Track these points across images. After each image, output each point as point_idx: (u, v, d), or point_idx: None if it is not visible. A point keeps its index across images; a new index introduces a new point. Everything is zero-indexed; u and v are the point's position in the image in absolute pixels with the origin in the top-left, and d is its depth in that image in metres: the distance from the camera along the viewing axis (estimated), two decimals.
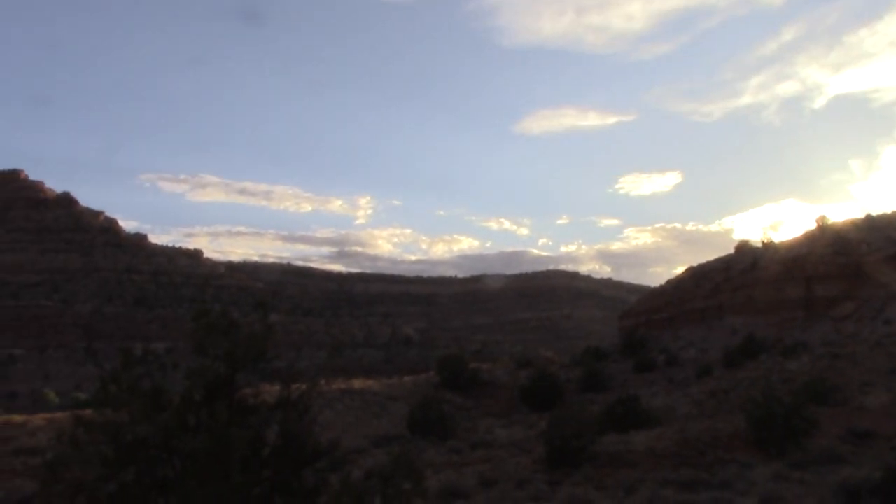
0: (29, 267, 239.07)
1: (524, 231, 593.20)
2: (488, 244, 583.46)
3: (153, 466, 7.81)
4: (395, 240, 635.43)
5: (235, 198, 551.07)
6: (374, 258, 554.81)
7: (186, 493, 6.95)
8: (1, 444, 45.23)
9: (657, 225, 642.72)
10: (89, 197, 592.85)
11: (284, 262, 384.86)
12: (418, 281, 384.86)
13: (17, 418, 62.48)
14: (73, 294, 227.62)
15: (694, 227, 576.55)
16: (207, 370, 8.25)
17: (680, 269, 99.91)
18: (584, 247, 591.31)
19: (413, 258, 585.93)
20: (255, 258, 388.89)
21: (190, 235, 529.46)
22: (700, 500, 19.06)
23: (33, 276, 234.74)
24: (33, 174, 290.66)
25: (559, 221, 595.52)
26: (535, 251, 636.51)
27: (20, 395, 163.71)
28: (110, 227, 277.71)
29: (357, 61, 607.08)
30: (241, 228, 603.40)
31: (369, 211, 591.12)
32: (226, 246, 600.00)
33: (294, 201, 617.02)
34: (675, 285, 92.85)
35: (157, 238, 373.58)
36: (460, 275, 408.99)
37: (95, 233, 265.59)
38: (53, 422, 55.77)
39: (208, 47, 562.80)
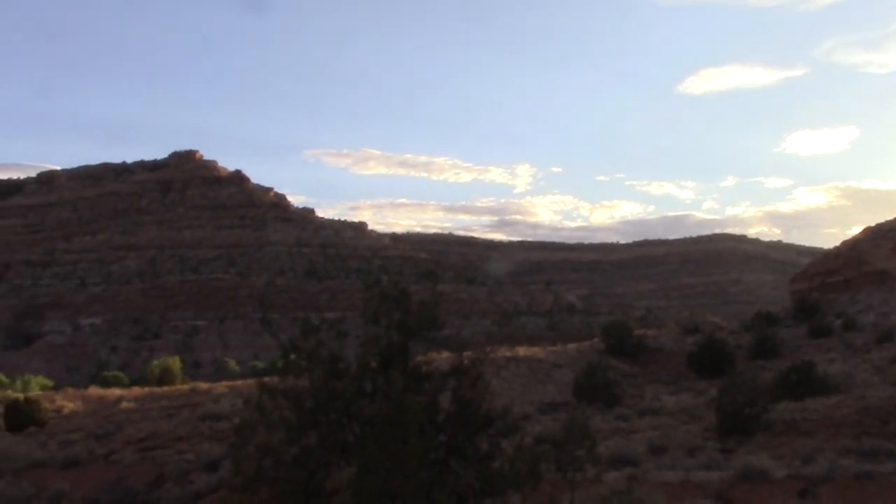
0: (207, 242, 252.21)
1: (687, 194, 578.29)
2: (650, 209, 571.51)
3: (334, 431, 8.12)
4: (556, 207, 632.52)
5: (397, 170, 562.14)
6: (535, 226, 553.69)
7: (367, 457, 7.20)
8: (189, 409, 48.27)
9: (830, 184, 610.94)
10: (259, 174, 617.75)
11: (446, 232, 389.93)
12: (580, 248, 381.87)
13: (203, 386, 66.51)
14: (247, 267, 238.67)
15: (871, 186, 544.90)
16: (381, 339, 8.48)
17: (856, 230, 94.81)
18: (751, 209, 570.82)
19: (573, 225, 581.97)
20: (418, 229, 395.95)
21: (354, 208, 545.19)
22: (884, 470, 18.15)
23: (211, 252, 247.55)
24: (207, 153, 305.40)
25: (724, 183, 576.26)
26: (699, 214, 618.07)
27: (203, 363, 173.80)
28: (280, 202, 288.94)
29: (514, 27, 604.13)
30: (403, 200, 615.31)
31: (528, 179, 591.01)
32: (389, 218, 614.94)
33: (454, 172, 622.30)
34: (852, 246, 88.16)
35: (324, 212, 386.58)
36: (622, 241, 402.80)
37: (266, 208, 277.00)
38: (235, 389, 58.97)
39: (360, 22, 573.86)
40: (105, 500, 30.24)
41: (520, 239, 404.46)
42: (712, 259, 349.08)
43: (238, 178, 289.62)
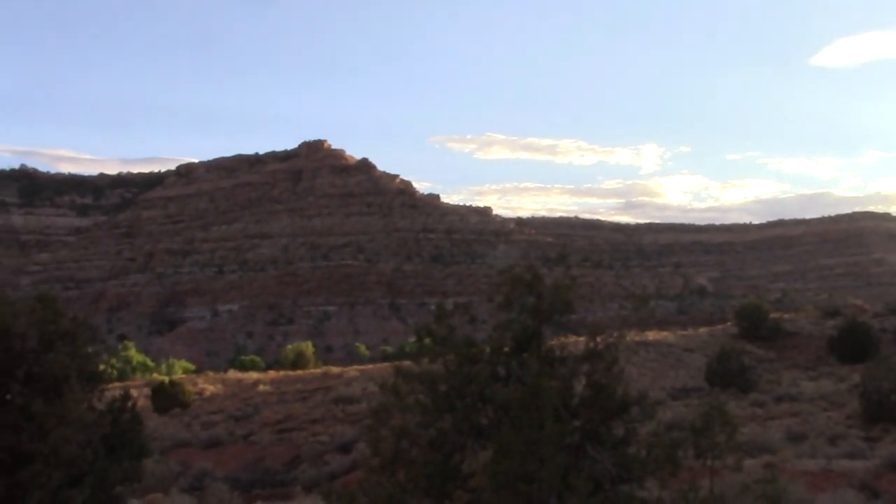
0: (336, 230, 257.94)
1: (825, 171, 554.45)
2: (785, 187, 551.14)
3: (468, 414, 8.18)
4: (684, 187, 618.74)
5: (521, 154, 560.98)
6: (663, 207, 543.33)
7: (502, 441, 7.22)
8: (322, 393, 49.63)
9: None
10: (385, 161, 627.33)
11: (572, 215, 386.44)
12: (710, 229, 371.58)
13: (335, 370, 68.27)
14: (375, 254, 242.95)
15: None
16: (514, 323, 8.48)
17: None
18: None
19: (703, 206, 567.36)
20: (543, 213, 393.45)
21: (479, 193, 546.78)
22: None
23: (340, 238, 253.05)
24: (335, 142, 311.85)
25: (865, 159, 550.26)
26: (837, 192, 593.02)
27: (335, 348, 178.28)
28: (406, 188, 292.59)
29: (637, 5, 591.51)
30: (528, 184, 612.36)
31: (655, 159, 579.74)
32: (514, 202, 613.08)
33: (578, 154, 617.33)
34: None
35: (449, 197, 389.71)
36: (755, 221, 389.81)
37: (393, 195, 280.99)
38: (365, 373, 60.26)
39: (482, 6, 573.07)
40: (245, 479, 31.43)
41: (647, 221, 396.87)
42: (853, 238, 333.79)
43: (365, 165, 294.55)
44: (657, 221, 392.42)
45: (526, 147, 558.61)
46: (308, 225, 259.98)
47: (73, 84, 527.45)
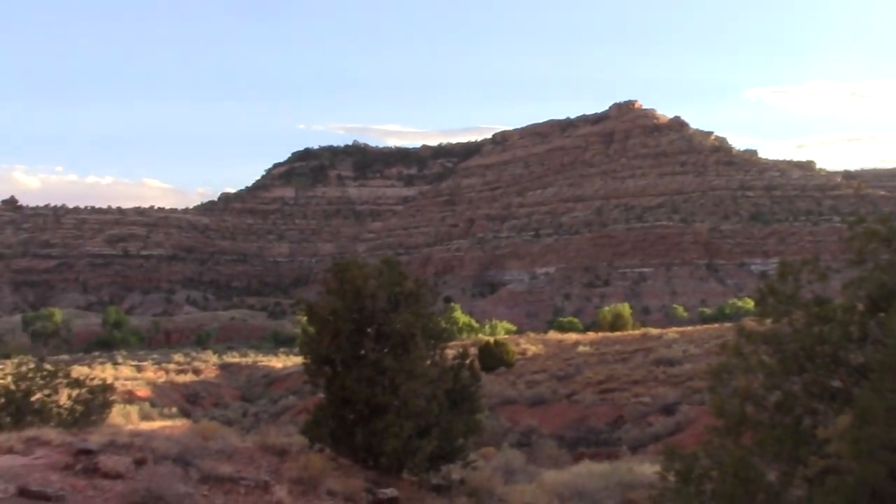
0: (650, 190, 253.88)
1: None
2: None
3: (819, 377, 7.71)
4: None
5: (847, 101, 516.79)
6: None
7: (862, 406, 6.72)
8: (641, 354, 49.21)
9: None
10: (698, 118, 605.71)
11: None
12: None
13: (653, 331, 67.49)
14: (690, 214, 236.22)
15: None
16: (869, 280, 7.84)
17: None
18: None
19: None
20: (874, 164, 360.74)
21: (801, 146, 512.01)
22: None
23: (654, 199, 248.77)
24: (645, 102, 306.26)
25: None
26: None
27: (651, 309, 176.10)
28: (721, 145, 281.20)
29: None
30: (856, 134, 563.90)
31: None
32: (840, 154, 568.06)
33: None
34: None
35: (768, 152, 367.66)
36: None
37: (707, 153, 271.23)
38: (685, 335, 58.98)
39: None
40: (570, 437, 32.08)
41: None
42: None
43: (677, 124, 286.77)
44: None
45: (852, 94, 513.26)
46: (621, 187, 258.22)
47: (399, 62, 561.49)
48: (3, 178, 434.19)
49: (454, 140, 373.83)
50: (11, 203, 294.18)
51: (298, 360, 45.92)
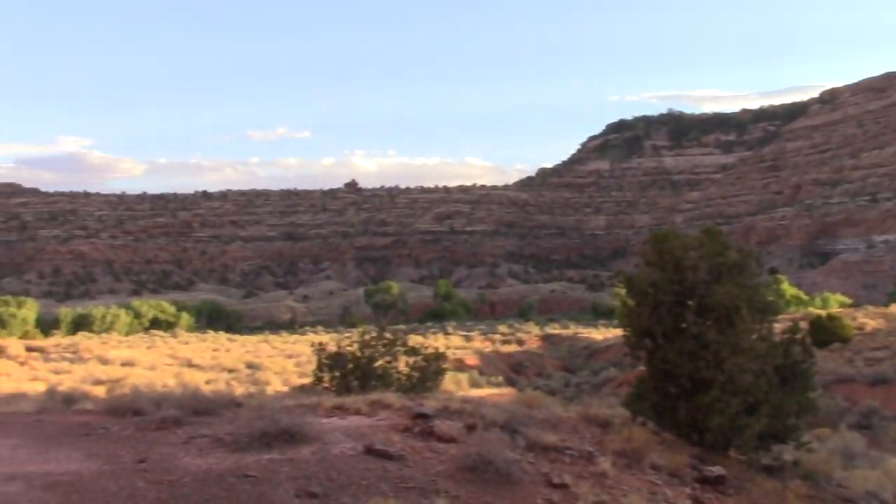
0: None
1: None
2: None
3: None
4: None
5: None
6: None
7: None
8: None
9: None
10: None
11: None
12: None
13: None
14: None
15: None
16: None
17: None
18: None
19: None
20: None
21: None
22: None
23: None
24: None
25: None
26: None
27: None
28: None
29: None
30: None
31: None
32: None
33: None
34: None
35: None
36: None
37: None
38: None
39: None
40: None
41: None
42: None
43: None
44: None
45: None
46: None
47: (707, 22, 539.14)
48: (346, 163, 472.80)
49: (776, 101, 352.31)
50: (353, 186, 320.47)
51: (618, 332, 46.00)
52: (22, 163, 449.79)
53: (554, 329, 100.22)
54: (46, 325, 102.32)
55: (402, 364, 22.04)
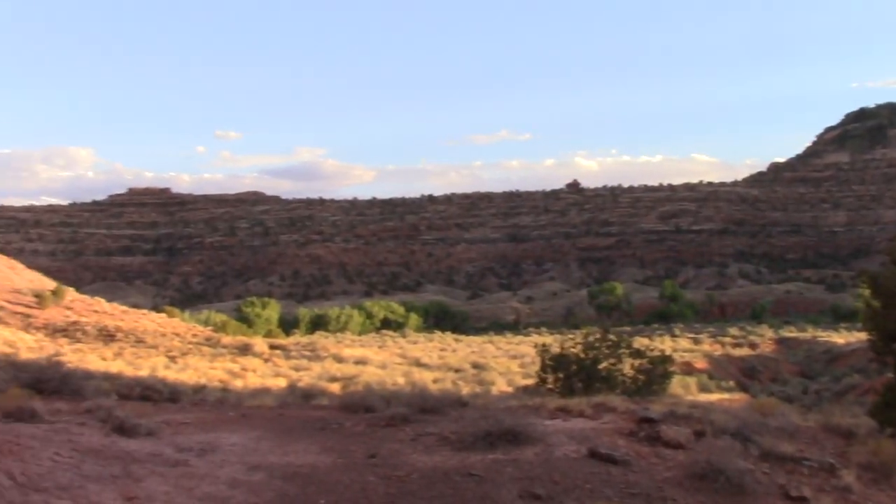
0: None
1: None
2: None
3: None
4: None
5: None
6: None
7: None
8: None
9: None
10: None
11: None
12: None
13: None
14: None
15: None
16: None
17: None
18: None
19: None
20: None
21: None
22: None
23: None
24: None
25: None
26: None
27: None
28: None
29: None
30: None
31: None
32: None
33: None
34: None
35: None
36: None
37: None
38: None
39: None
40: None
41: None
42: None
43: None
44: None
45: None
46: None
47: None
48: (567, 163, 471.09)
49: None
50: (574, 186, 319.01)
51: (862, 335, 42.89)
52: (265, 173, 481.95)
53: (790, 332, 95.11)
54: (287, 325, 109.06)
55: (627, 366, 21.65)
